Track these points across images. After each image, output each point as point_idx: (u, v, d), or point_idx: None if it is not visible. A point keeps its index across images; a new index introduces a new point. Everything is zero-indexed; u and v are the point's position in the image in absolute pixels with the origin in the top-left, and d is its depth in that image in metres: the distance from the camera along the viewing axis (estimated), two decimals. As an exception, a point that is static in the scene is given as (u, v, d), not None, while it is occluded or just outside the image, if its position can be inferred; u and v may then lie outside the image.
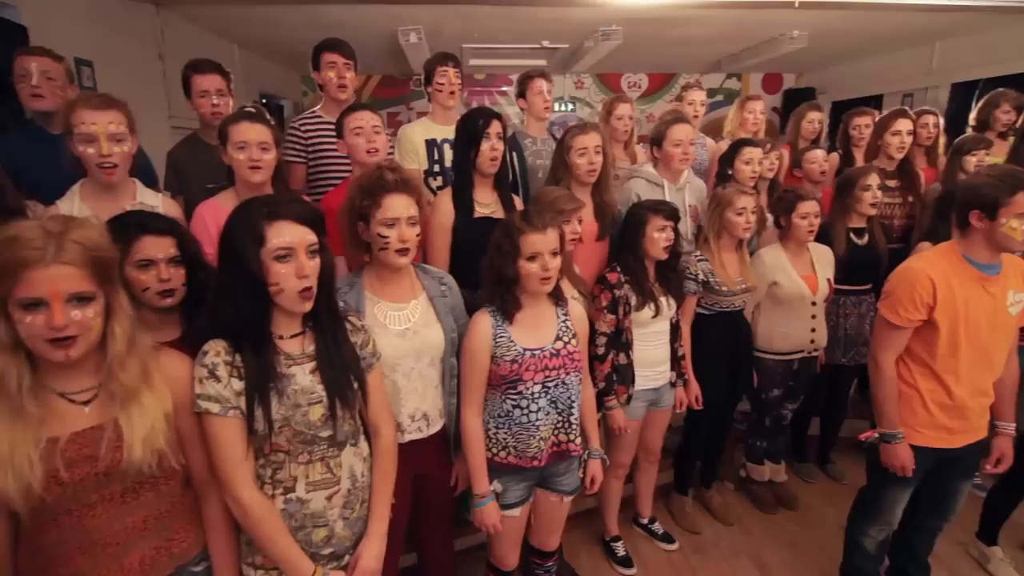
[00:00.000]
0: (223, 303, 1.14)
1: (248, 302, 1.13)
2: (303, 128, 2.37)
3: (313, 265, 1.15)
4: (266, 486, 1.19)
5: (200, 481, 1.19)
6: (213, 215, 1.77)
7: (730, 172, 2.56)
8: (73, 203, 1.67)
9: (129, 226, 1.29)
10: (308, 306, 1.17)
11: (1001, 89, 3.10)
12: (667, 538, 2.41)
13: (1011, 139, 2.97)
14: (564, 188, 2.06)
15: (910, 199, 2.86)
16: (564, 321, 1.59)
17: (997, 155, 2.84)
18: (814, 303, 2.37)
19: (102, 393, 1.03)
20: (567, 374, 1.55)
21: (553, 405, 1.54)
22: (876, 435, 1.76)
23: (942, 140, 3.12)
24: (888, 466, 1.74)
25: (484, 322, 1.51)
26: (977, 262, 1.62)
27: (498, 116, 1.97)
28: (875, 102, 5.99)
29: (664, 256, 2.01)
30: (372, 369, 1.33)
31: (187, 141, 2.34)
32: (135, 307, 1.09)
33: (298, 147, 2.37)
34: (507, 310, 1.52)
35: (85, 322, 0.96)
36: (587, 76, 7.25)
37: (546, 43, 5.60)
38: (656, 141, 2.39)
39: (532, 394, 1.51)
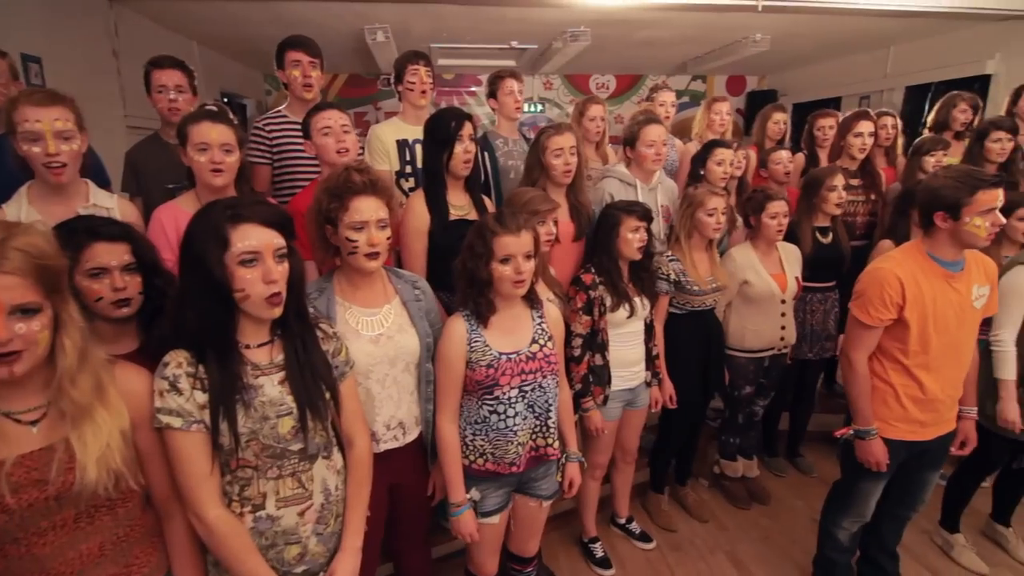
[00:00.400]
0: (184, 311, 1.08)
1: (212, 310, 1.07)
2: (267, 128, 2.29)
3: (281, 270, 1.10)
4: (234, 503, 1.14)
5: (162, 501, 1.13)
6: (172, 219, 1.69)
7: (702, 172, 2.59)
8: (20, 207, 1.57)
9: (78, 232, 1.21)
10: (277, 312, 1.12)
11: (957, 91, 3.22)
12: (644, 537, 2.41)
13: (966, 140, 3.09)
14: (539, 189, 2.05)
15: (872, 197, 2.94)
16: (540, 324, 1.57)
17: (954, 155, 2.95)
18: (783, 301, 2.41)
19: (52, 411, 0.96)
20: (544, 377, 1.52)
21: (530, 409, 1.52)
22: (851, 431, 1.79)
23: (900, 141, 3.23)
24: (863, 462, 1.77)
25: (458, 327, 1.48)
26: (942, 260, 1.67)
27: (469, 117, 1.94)
28: (834, 104, 6.17)
29: (638, 256, 2.01)
30: (345, 378, 1.28)
31: (147, 140, 2.24)
32: (88, 318, 1.02)
33: (262, 148, 2.29)
34: (481, 313, 1.49)
35: (30, 335, 0.89)
36: (556, 77, 7.27)
37: (515, 43, 5.59)
38: (629, 141, 2.39)
39: (509, 399, 1.48)
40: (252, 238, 1.06)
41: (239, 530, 1.11)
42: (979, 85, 4.59)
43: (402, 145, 2.45)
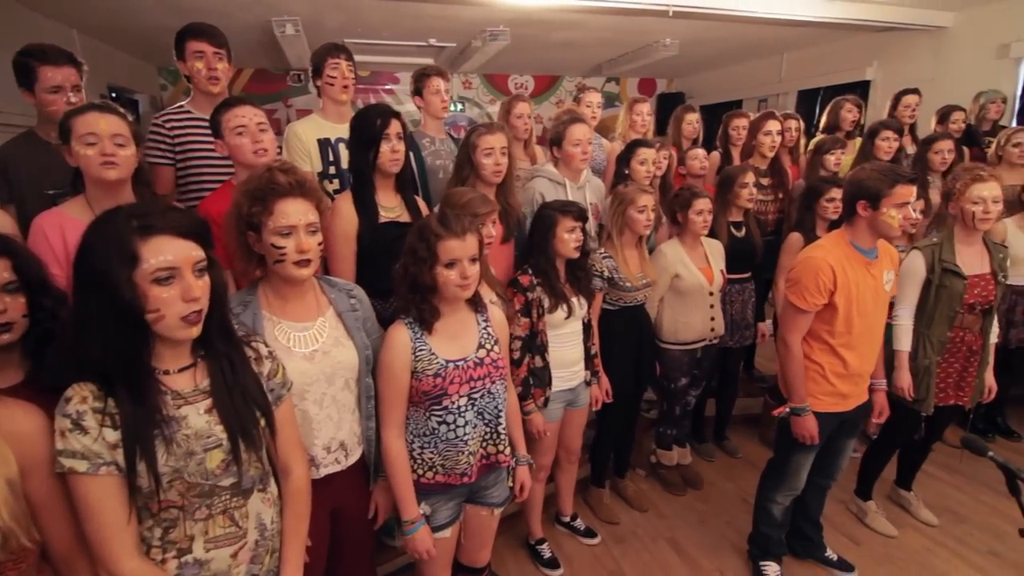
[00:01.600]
0: (85, 337, 0.93)
1: (119, 334, 0.93)
2: (168, 125, 2.07)
3: (202, 285, 0.98)
4: (154, 549, 1.00)
5: (62, 557, 0.97)
6: (56, 228, 1.48)
7: (627, 172, 2.65)
8: None
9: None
10: (195, 332, 0.99)
11: (843, 95, 3.53)
12: (589, 533, 2.43)
13: (858, 139, 3.39)
14: (476, 190, 1.99)
15: (780, 195, 3.14)
16: (485, 328, 1.52)
17: (849, 153, 3.22)
18: (711, 293, 2.51)
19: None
20: (492, 383, 1.48)
21: (480, 417, 1.47)
22: (787, 410, 1.91)
23: (802, 141, 3.49)
24: (798, 436, 1.89)
25: (402, 335, 1.40)
26: (862, 248, 1.82)
27: (396, 115, 1.86)
28: (736, 106, 6.56)
29: (575, 256, 2.01)
30: (282, 402, 1.17)
31: (20, 139, 1.94)
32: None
33: (163, 146, 2.06)
34: (425, 319, 1.41)
35: None
36: (475, 76, 7.24)
37: (433, 41, 5.49)
38: (555, 141, 2.40)
39: (458, 408, 1.42)
40: (167, 252, 0.93)
41: None
42: (860, 90, 5.07)
43: (324, 144, 2.31)
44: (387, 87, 6.98)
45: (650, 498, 2.69)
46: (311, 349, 1.32)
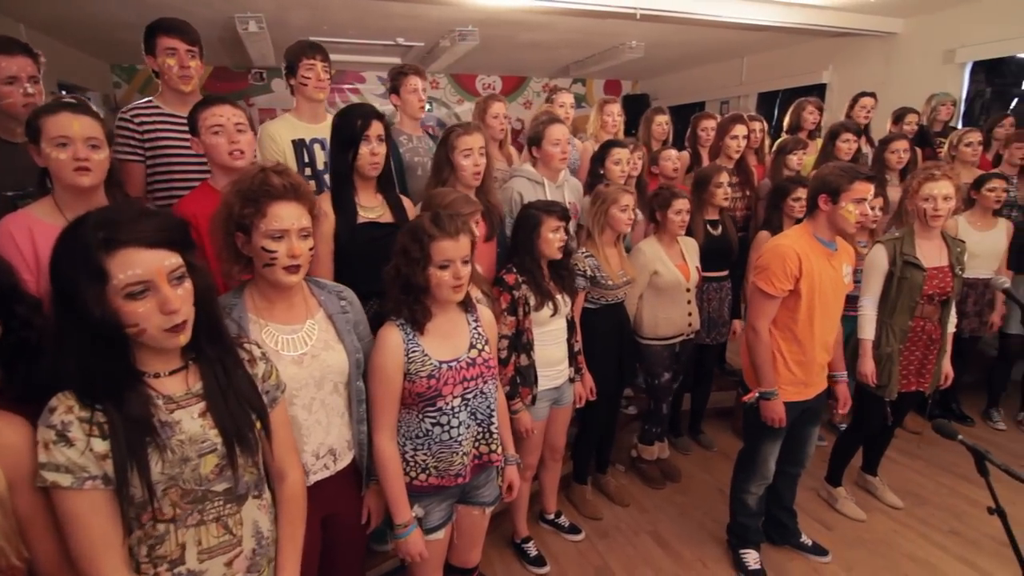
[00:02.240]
0: (65, 348, 0.89)
1: (97, 348, 0.89)
2: (137, 120, 1.98)
3: (182, 293, 0.93)
4: (144, 566, 0.96)
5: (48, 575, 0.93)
6: (24, 231, 1.40)
7: (602, 172, 2.68)
8: None
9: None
10: (182, 340, 0.95)
11: (805, 98, 3.66)
12: (574, 529, 2.45)
13: (818, 139, 3.53)
14: (454, 190, 1.99)
15: (747, 193, 3.24)
16: (475, 328, 1.52)
17: (811, 153, 3.35)
18: (688, 289, 2.57)
19: None
20: (485, 383, 1.48)
21: (473, 417, 1.46)
22: (756, 394, 1.98)
23: (766, 142, 3.61)
24: (767, 420, 1.98)
25: (394, 336, 1.38)
26: (823, 240, 1.92)
27: (379, 116, 1.84)
28: (699, 107, 6.76)
29: (559, 256, 2.02)
30: (276, 404, 1.14)
31: None
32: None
33: (132, 143, 1.98)
34: (417, 320, 1.40)
35: None
36: (442, 76, 7.20)
37: (401, 40, 5.43)
38: (535, 141, 2.41)
39: (452, 409, 1.42)
40: (136, 266, 0.88)
41: None
42: (817, 92, 5.27)
43: (299, 145, 2.26)
44: (352, 86, 6.87)
45: (631, 493, 2.73)
46: (300, 352, 1.29)
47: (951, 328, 2.38)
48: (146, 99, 2.05)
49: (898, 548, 2.34)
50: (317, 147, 2.28)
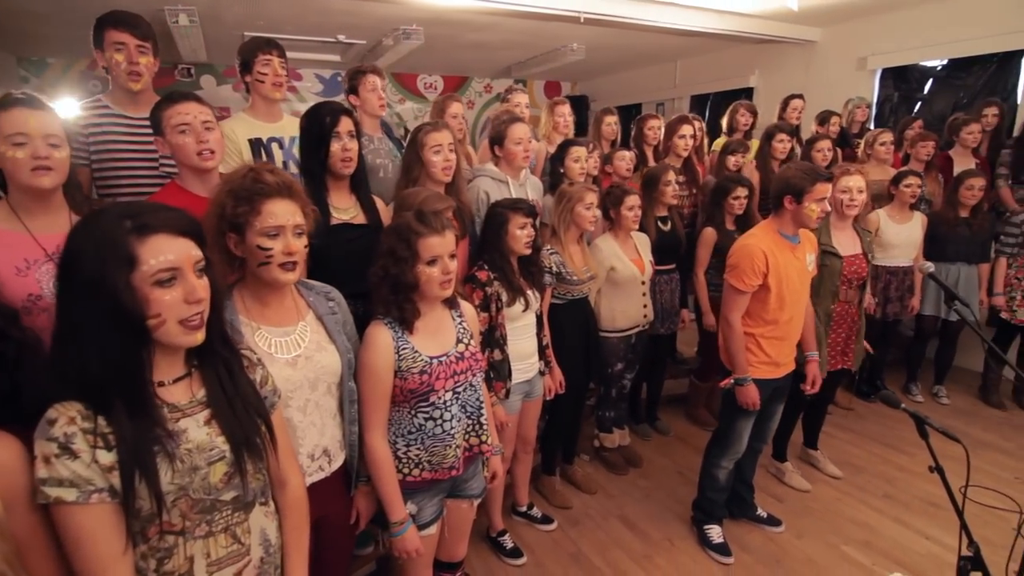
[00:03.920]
0: (76, 351, 0.85)
1: (118, 345, 0.86)
2: (83, 121, 1.87)
3: (204, 285, 0.92)
4: (151, 580, 0.93)
5: (48, 599, 0.88)
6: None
7: (562, 170, 2.76)
8: None
9: None
10: (199, 337, 0.93)
11: (740, 101, 3.91)
12: (546, 519, 2.51)
13: (752, 140, 3.77)
14: (425, 188, 1.99)
15: (693, 190, 3.42)
16: (460, 323, 1.54)
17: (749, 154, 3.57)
18: (643, 282, 2.69)
19: None
20: (474, 376, 1.51)
21: (463, 410, 1.49)
22: (731, 381, 2.12)
23: (705, 141, 3.81)
24: (743, 404, 2.11)
25: (384, 335, 1.39)
26: (787, 235, 2.08)
27: (348, 112, 1.83)
28: (636, 109, 7.03)
29: (527, 252, 2.07)
30: (274, 409, 1.12)
31: None
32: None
33: (76, 144, 1.85)
34: (405, 318, 1.41)
35: None
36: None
37: (342, 37, 5.31)
38: (497, 140, 2.45)
39: (444, 403, 1.43)
40: (168, 252, 0.87)
41: None
42: (745, 95, 5.61)
43: (256, 145, 2.19)
44: (291, 84, 6.64)
45: (597, 480, 2.83)
46: (294, 355, 1.28)
47: (865, 308, 2.64)
48: (94, 98, 1.93)
49: (841, 513, 2.56)
50: (275, 146, 2.23)
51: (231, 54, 2.43)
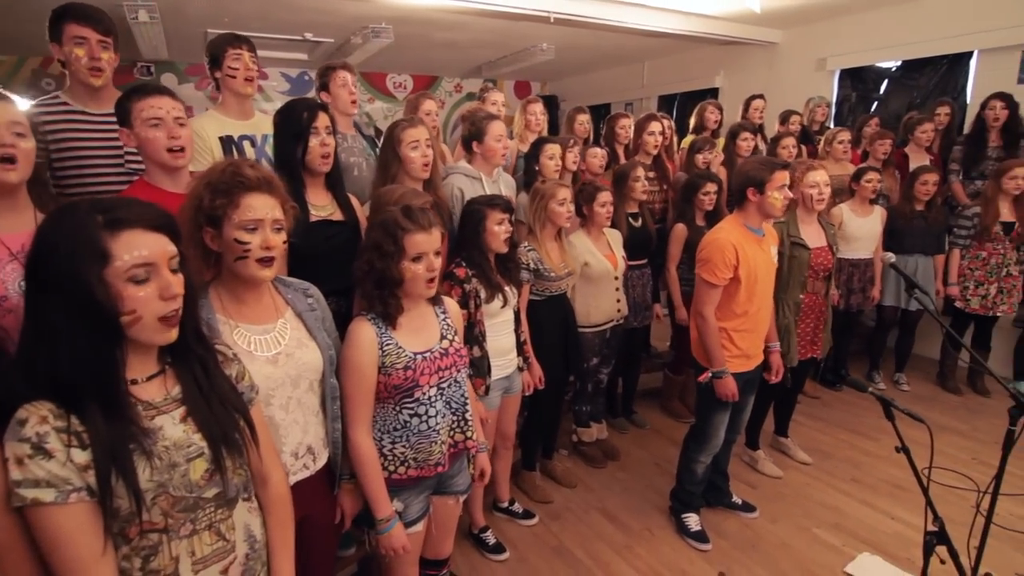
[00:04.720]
0: (47, 349, 0.82)
1: (91, 343, 0.83)
2: (40, 118, 1.80)
3: (179, 282, 0.91)
4: (136, 582, 0.90)
5: (25, 606, 0.84)
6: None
7: (537, 168, 2.78)
8: None
9: None
10: (173, 335, 0.91)
11: (707, 100, 4.00)
12: (527, 514, 2.53)
13: (721, 137, 3.86)
14: (402, 185, 1.98)
15: (664, 187, 3.49)
16: (444, 319, 1.54)
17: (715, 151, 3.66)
18: (616, 278, 2.74)
19: None
20: (458, 372, 1.51)
21: (448, 406, 1.49)
22: (709, 375, 2.15)
23: (674, 139, 3.89)
24: (721, 396, 2.15)
25: (367, 331, 1.38)
26: (753, 228, 2.12)
27: (324, 108, 1.81)
28: (604, 109, 7.12)
29: (505, 249, 2.08)
30: (252, 405, 1.10)
31: None
32: None
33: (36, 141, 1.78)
34: (389, 314, 1.41)
35: None
36: (350, 74, 6.99)
37: (309, 35, 5.23)
38: (476, 136, 2.45)
39: (429, 399, 1.43)
40: (142, 247, 0.85)
41: None
42: (711, 95, 5.75)
43: (227, 142, 2.14)
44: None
45: (576, 474, 2.85)
46: (274, 352, 1.26)
47: (831, 299, 2.73)
48: (52, 94, 1.86)
49: (811, 498, 2.64)
50: (247, 144, 2.18)
51: (193, 52, 2.39)
